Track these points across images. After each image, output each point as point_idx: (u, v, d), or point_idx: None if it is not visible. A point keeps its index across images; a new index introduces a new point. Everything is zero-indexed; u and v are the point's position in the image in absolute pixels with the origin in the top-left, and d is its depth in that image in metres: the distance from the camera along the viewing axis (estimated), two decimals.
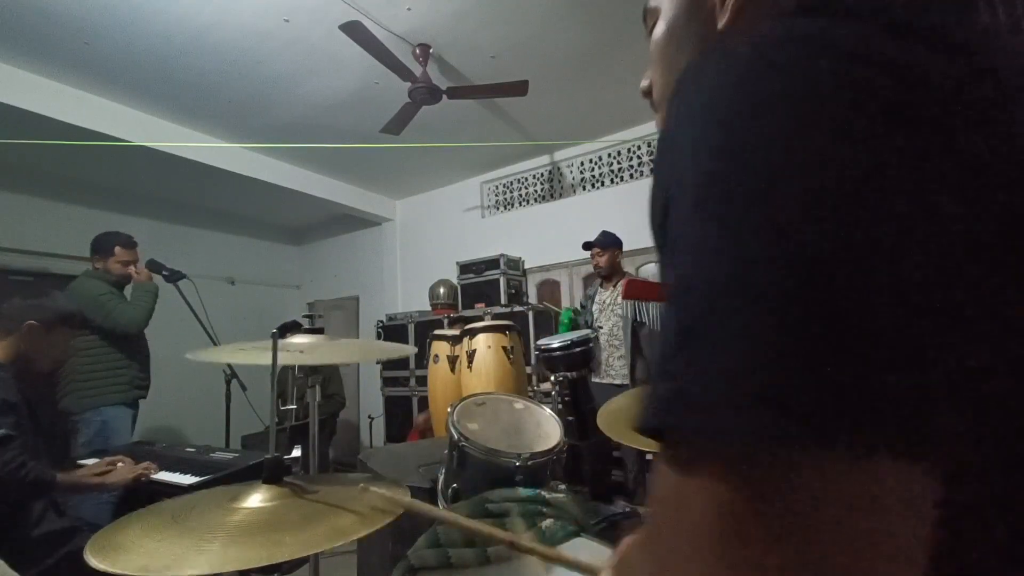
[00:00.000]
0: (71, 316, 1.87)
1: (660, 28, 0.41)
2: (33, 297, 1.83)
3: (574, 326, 3.00)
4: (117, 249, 2.62)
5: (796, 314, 0.19)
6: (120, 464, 1.78)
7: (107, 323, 2.46)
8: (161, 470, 1.87)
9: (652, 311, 2.79)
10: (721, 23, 0.35)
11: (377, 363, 4.53)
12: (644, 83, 0.46)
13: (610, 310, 3.00)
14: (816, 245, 0.20)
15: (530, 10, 2.63)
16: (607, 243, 3.06)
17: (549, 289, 4.36)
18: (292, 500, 0.78)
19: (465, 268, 4.18)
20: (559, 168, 4.51)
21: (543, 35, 2.83)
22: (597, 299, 3.10)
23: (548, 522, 0.86)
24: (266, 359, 0.90)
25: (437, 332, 2.72)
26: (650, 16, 0.43)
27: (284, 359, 1.00)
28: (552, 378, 2.04)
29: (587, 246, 3.13)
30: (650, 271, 3.90)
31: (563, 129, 3.97)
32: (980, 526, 0.22)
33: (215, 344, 2.68)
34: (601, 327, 2.96)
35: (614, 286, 3.03)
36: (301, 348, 1.14)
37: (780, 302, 0.20)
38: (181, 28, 2.61)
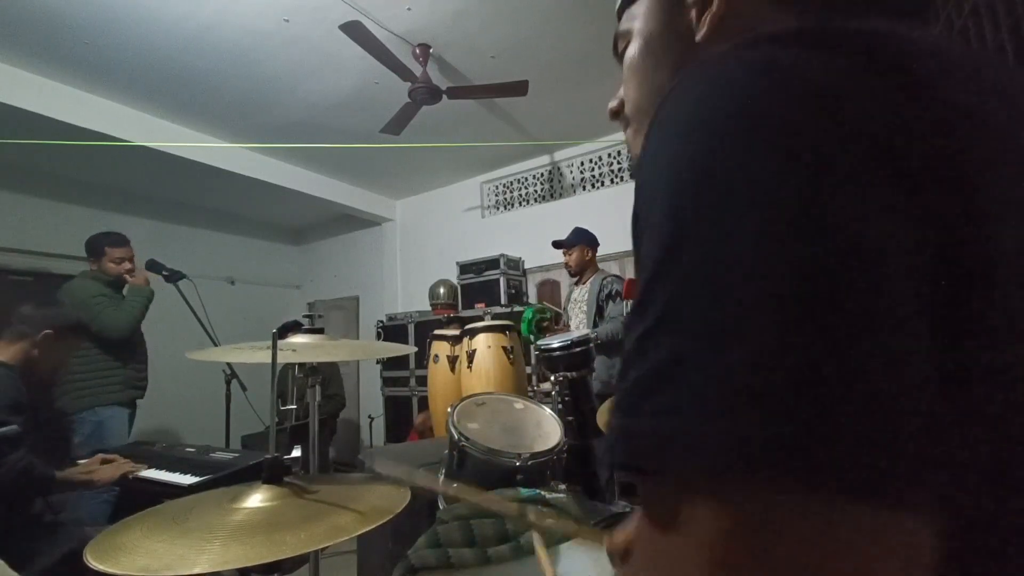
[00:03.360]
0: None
1: (634, 46, 0.41)
2: (44, 305, 1.90)
3: (540, 324, 2.96)
4: (107, 249, 2.62)
5: (798, 350, 0.19)
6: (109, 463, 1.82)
7: (93, 326, 2.44)
8: (161, 470, 1.88)
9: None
10: (699, 36, 0.36)
11: (377, 363, 4.53)
12: (613, 103, 0.46)
13: (578, 307, 3.01)
14: (809, 270, 0.19)
15: (530, 10, 2.63)
16: (575, 240, 3.05)
17: (549, 289, 4.36)
18: (292, 500, 0.78)
19: (465, 268, 4.18)
20: (559, 168, 4.51)
21: (543, 35, 2.83)
22: (572, 297, 3.14)
23: (548, 522, 0.86)
24: (265, 358, 0.90)
25: (437, 332, 2.72)
26: (621, 40, 0.43)
27: (284, 359, 1.01)
28: (552, 378, 2.03)
29: (556, 245, 3.14)
30: None
31: (563, 129, 3.97)
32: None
33: (215, 344, 2.68)
34: (570, 323, 2.99)
35: (585, 284, 3.03)
36: (296, 348, 1.14)
37: (778, 336, 0.19)
38: (181, 28, 2.61)
